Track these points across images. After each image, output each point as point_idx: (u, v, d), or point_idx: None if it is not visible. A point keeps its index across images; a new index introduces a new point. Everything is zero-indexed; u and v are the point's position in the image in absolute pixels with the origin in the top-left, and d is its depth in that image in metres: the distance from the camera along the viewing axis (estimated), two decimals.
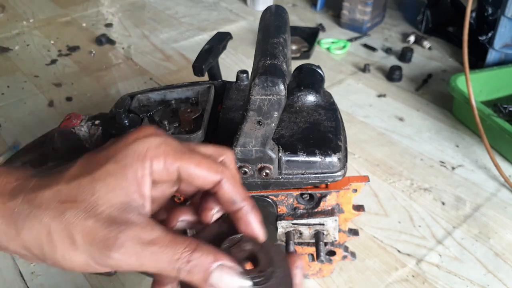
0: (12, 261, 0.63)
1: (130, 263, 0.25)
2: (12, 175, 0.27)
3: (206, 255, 0.25)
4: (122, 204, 0.25)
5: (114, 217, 0.25)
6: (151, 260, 0.25)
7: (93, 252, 0.24)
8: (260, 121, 0.38)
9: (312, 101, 0.48)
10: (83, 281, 0.60)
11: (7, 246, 0.26)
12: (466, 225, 0.67)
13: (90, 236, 0.24)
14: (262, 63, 0.36)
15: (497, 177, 0.74)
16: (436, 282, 0.59)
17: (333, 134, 0.45)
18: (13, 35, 1.25)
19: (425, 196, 0.72)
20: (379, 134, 0.85)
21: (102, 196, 0.25)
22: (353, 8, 1.20)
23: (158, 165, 0.27)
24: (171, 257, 0.25)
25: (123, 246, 0.24)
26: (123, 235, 0.24)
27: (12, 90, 1.01)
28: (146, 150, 0.27)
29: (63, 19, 1.34)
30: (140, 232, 0.25)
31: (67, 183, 0.25)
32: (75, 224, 0.24)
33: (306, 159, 0.43)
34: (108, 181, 0.26)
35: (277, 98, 0.36)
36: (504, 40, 0.96)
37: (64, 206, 0.25)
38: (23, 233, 0.25)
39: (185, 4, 1.44)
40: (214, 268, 0.25)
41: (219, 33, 0.57)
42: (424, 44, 1.14)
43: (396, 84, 1.00)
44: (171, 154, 0.27)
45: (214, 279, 0.25)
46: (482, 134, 0.76)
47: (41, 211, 0.25)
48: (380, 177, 0.75)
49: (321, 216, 0.48)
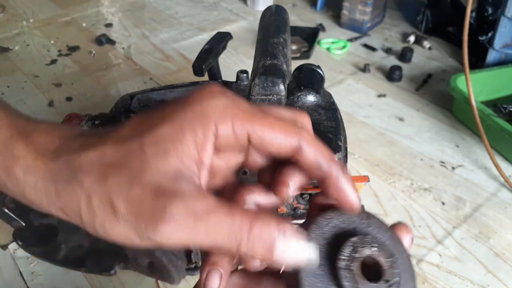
0: (12, 261, 0.63)
1: (180, 238, 0.21)
2: (57, 133, 0.25)
3: (269, 224, 0.22)
4: (176, 172, 0.22)
5: (164, 186, 0.22)
6: (206, 232, 0.21)
7: (137, 225, 0.21)
8: None
9: (312, 101, 0.48)
10: (83, 281, 0.60)
11: (45, 207, 0.24)
12: (466, 225, 0.67)
13: (135, 207, 0.21)
14: (262, 63, 0.36)
15: (497, 177, 0.74)
16: (436, 282, 0.59)
17: (333, 134, 0.45)
18: (13, 35, 1.25)
19: (425, 196, 0.72)
20: (379, 134, 0.85)
21: (152, 162, 0.22)
22: (353, 8, 1.20)
23: (224, 129, 0.23)
24: (229, 229, 0.21)
25: (172, 218, 0.21)
26: (173, 206, 0.21)
27: (12, 90, 1.00)
28: (211, 110, 0.23)
29: (63, 19, 1.34)
30: (193, 202, 0.21)
31: (114, 145, 0.23)
32: (119, 192, 0.22)
33: None
34: (161, 144, 0.22)
35: (277, 98, 0.36)
36: (504, 40, 0.96)
37: (108, 170, 0.22)
38: (62, 196, 0.23)
39: (185, 4, 1.44)
40: (279, 235, 0.22)
41: (219, 33, 0.57)
42: (424, 44, 1.14)
43: (396, 84, 1.00)
44: (240, 116, 0.23)
45: (280, 251, 0.22)
46: (482, 134, 0.76)
47: (83, 174, 0.22)
48: (380, 177, 0.75)
49: None
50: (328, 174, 0.25)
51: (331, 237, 0.24)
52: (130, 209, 0.21)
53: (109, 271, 0.59)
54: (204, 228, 0.21)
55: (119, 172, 0.22)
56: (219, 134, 0.23)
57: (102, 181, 0.22)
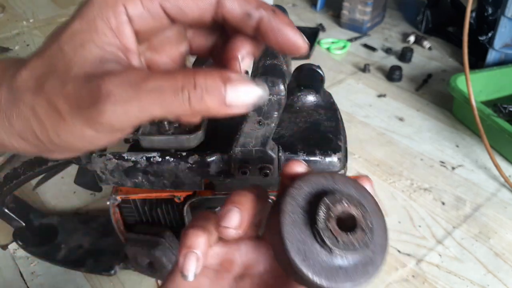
0: (12, 261, 0.63)
1: (128, 112, 0.21)
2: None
3: (211, 74, 0.21)
4: (100, 59, 0.22)
5: (93, 72, 0.21)
6: (152, 98, 0.21)
7: (82, 114, 0.21)
8: (260, 121, 0.38)
9: (312, 101, 0.48)
10: (83, 281, 0.60)
11: (7, 143, 0.24)
12: (466, 225, 0.67)
13: (74, 100, 0.21)
14: (262, 63, 0.36)
15: (497, 177, 0.74)
16: (436, 282, 0.59)
17: (333, 134, 0.45)
18: (13, 35, 1.25)
19: (425, 196, 0.72)
20: (379, 134, 0.85)
21: (72, 57, 0.22)
22: (353, 8, 1.20)
23: (135, 9, 0.23)
24: (173, 85, 0.21)
25: (110, 93, 0.20)
26: (107, 82, 0.21)
27: None
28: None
29: (63, 19, 1.33)
30: (126, 74, 0.21)
31: (40, 57, 0.23)
32: (56, 94, 0.22)
33: (306, 158, 0.43)
34: (77, 39, 0.22)
35: (277, 98, 0.36)
36: (504, 40, 0.96)
37: (41, 80, 0.22)
38: (14, 121, 0.23)
39: None
40: (226, 81, 0.21)
41: None
42: (424, 44, 1.14)
43: (396, 84, 1.00)
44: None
45: (231, 95, 0.21)
46: (482, 134, 0.76)
47: (22, 93, 0.22)
48: (380, 177, 0.75)
49: None
50: (260, 19, 0.23)
51: (305, 204, 0.26)
52: (71, 104, 0.21)
53: (109, 271, 0.59)
54: (146, 93, 0.20)
55: (51, 76, 0.22)
56: (131, 15, 0.23)
57: (39, 91, 0.22)
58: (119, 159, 0.43)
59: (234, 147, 0.41)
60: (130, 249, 0.51)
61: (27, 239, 0.64)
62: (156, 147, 0.42)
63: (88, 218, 0.69)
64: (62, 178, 0.76)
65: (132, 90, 0.20)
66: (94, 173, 0.45)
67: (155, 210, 0.51)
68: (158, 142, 0.41)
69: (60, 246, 0.64)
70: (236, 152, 0.41)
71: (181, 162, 0.43)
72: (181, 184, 0.44)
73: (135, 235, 0.50)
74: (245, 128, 0.39)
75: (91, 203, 0.72)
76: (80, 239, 0.65)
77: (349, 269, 0.25)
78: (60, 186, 0.75)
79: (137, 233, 0.51)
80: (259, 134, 0.39)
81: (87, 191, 0.74)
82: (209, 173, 0.43)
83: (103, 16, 0.22)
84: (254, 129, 0.39)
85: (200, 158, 0.43)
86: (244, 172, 0.42)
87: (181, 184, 0.44)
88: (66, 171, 0.55)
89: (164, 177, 0.44)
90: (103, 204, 0.71)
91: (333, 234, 0.25)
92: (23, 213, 0.64)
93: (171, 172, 0.43)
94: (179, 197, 0.48)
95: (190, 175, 0.43)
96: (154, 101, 0.21)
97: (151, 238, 0.50)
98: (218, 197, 0.47)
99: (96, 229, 0.66)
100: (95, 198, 0.73)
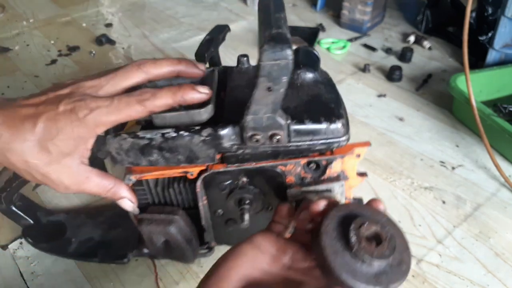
0: (12, 261, 0.63)
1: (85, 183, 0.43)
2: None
3: (119, 186, 0.46)
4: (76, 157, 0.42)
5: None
6: (94, 182, 0.43)
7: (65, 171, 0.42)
8: (270, 87, 0.40)
9: (311, 77, 0.51)
10: (84, 281, 0.60)
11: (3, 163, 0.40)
12: (467, 224, 0.67)
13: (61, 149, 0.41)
14: (268, 33, 0.38)
15: (497, 177, 0.74)
16: (436, 282, 0.59)
17: (334, 104, 0.48)
18: (13, 35, 1.25)
19: (426, 194, 0.72)
20: (379, 134, 0.85)
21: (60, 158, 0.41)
22: (353, 8, 1.20)
23: (101, 130, 0.42)
24: (99, 183, 0.44)
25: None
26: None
27: (12, 90, 1.01)
28: (92, 127, 0.41)
29: (63, 19, 1.34)
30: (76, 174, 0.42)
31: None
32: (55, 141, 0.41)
33: (313, 126, 0.45)
34: (66, 143, 0.41)
35: (285, 62, 0.37)
36: (504, 40, 0.96)
37: (41, 143, 0.40)
38: (8, 153, 0.39)
39: (185, 4, 1.44)
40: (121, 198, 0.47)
41: (218, 26, 0.60)
42: (424, 44, 1.14)
43: (396, 84, 1.00)
44: (108, 119, 0.41)
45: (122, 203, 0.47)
46: (482, 134, 0.76)
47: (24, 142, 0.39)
48: (380, 176, 0.75)
49: (328, 182, 0.50)
50: (178, 100, 0.43)
51: (338, 229, 0.35)
52: (58, 153, 0.40)
53: (122, 259, 0.60)
54: (90, 181, 0.43)
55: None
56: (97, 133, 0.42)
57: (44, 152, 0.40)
58: (134, 138, 0.45)
59: (245, 116, 0.42)
60: (145, 229, 0.51)
61: (36, 236, 0.64)
62: (169, 124, 0.44)
63: (95, 213, 0.69)
64: None
65: (84, 171, 0.44)
66: (109, 155, 0.46)
67: (167, 190, 0.52)
68: (170, 118, 0.44)
69: (71, 240, 0.64)
70: (248, 121, 0.43)
71: (195, 135, 0.44)
72: (195, 158, 0.46)
73: (148, 215, 0.52)
74: (256, 95, 0.41)
75: (92, 202, 0.72)
76: (90, 232, 0.65)
77: (389, 271, 0.33)
78: None
79: (151, 213, 0.52)
80: (269, 101, 0.41)
81: None
82: (222, 145, 0.45)
83: (85, 144, 0.42)
84: (265, 95, 0.40)
85: (213, 130, 0.44)
86: (256, 140, 0.44)
87: (195, 158, 0.46)
88: None
89: (179, 152, 0.45)
90: (104, 202, 0.72)
91: (364, 246, 0.33)
92: (31, 211, 0.64)
93: (186, 146, 0.45)
94: (192, 173, 0.49)
95: (204, 148, 0.45)
96: (93, 184, 0.45)
97: (166, 217, 0.51)
98: (230, 170, 0.49)
99: (104, 222, 0.67)
100: (95, 197, 0.73)
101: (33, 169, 0.39)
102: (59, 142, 0.39)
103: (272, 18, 0.40)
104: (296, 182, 0.51)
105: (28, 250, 0.64)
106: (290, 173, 0.50)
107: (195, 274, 0.60)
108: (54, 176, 0.40)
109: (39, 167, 0.40)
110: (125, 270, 0.61)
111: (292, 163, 0.49)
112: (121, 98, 0.41)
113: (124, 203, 0.47)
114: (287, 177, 0.50)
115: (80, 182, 0.42)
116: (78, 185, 0.42)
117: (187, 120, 0.44)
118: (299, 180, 0.51)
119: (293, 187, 0.51)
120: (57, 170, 0.40)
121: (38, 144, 0.39)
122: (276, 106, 0.42)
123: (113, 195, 0.46)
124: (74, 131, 0.39)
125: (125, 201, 0.47)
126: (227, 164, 0.48)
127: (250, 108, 0.42)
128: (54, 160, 0.40)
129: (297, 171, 0.50)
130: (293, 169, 0.49)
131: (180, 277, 0.60)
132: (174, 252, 0.55)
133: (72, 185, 0.42)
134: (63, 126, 0.39)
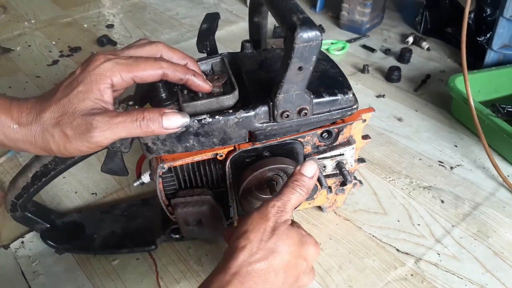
0: (14, 260, 0.63)
1: (108, 136, 0.40)
2: (24, 106, 0.41)
3: (153, 111, 0.41)
4: (92, 107, 0.40)
5: (87, 114, 0.40)
6: (120, 127, 0.40)
7: (81, 138, 0.40)
8: (301, 67, 0.43)
9: None
10: (85, 281, 0.60)
11: (33, 151, 0.42)
12: (465, 223, 0.67)
13: (77, 130, 0.39)
14: (296, 17, 0.41)
15: (495, 177, 0.75)
16: (434, 281, 0.59)
17: (341, 77, 0.53)
18: (15, 36, 1.26)
19: (425, 194, 0.72)
20: (378, 134, 0.86)
21: (77, 106, 0.40)
22: (352, 9, 1.20)
23: (116, 80, 0.41)
24: (131, 119, 0.40)
25: (97, 126, 0.39)
26: (94, 120, 0.39)
27: (14, 91, 1.01)
28: (105, 71, 0.41)
29: (65, 20, 1.35)
30: (105, 115, 0.40)
31: (56, 105, 0.40)
32: (66, 126, 0.40)
33: (330, 98, 0.50)
34: (79, 96, 0.40)
35: (316, 43, 0.41)
36: (503, 41, 0.96)
37: (57, 119, 0.40)
38: (40, 141, 0.41)
39: (186, 5, 1.45)
40: (162, 115, 0.42)
41: (209, 14, 0.62)
42: (422, 45, 1.14)
43: (395, 84, 1.01)
44: (124, 70, 0.41)
45: (166, 122, 0.42)
46: (480, 134, 0.76)
47: (46, 126, 0.40)
48: (379, 175, 0.76)
49: (340, 147, 0.57)
50: (186, 79, 0.45)
51: None
52: (74, 132, 0.40)
53: (150, 246, 0.62)
54: (117, 125, 0.40)
55: (64, 116, 0.40)
56: (114, 83, 0.42)
57: (56, 125, 0.40)
58: None
59: (277, 95, 0.46)
60: (181, 212, 0.54)
61: (57, 238, 0.64)
62: (199, 111, 0.47)
63: (108, 208, 0.70)
64: (64, 178, 0.77)
65: (108, 123, 0.40)
66: (143, 146, 0.49)
67: (194, 173, 0.55)
68: (201, 105, 0.47)
69: (93, 237, 0.64)
70: (280, 99, 0.46)
71: (230, 118, 0.48)
72: (228, 139, 0.50)
73: (182, 199, 0.54)
74: (288, 75, 0.44)
75: (92, 202, 0.73)
76: (110, 226, 0.66)
77: None
78: (61, 186, 0.76)
79: (183, 197, 0.55)
80: (299, 79, 0.45)
81: (88, 190, 0.75)
82: (253, 124, 0.49)
83: (97, 84, 0.41)
84: (296, 75, 0.44)
85: (246, 112, 0.48)
86: (287, 115, 0.48)
87: (228, 139, 0.50)
88: (67, 172, 0.56)
89: (214, 135, 0.49)
90: (105, 201, 0.72)
91: None
92: (45, 215, 0.64)
93: (220, 129, 0.48)
94: (222, 154, 0.52)
95: (236, 129, 0.49)
96: (121, 129, 0.40)
97: (199, 198, 0.54)
98: (256, 147, 0.52)
99: (121, 215, 0.68)
100: (96, 197, 0.73)
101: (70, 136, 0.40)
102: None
103: (290, 4, 0.43)
104: (312, 151, 0.56)
105: (29, 249, 0.64)
106: (308, 143, 0.55)
107: (196, 273, 0.61)
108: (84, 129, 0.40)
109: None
110: (126, 269, 0.61)
111: (310, 135, 0.54)
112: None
113: (170, 119, 0.42)
114: (305, 147, 0.56)
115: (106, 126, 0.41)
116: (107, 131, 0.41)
117: (216, 106, 0.47)
118: (315, 149, 0.56)
119: (310, 156, 0.56)
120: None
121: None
122: (304, 83, 0.45)
123: (151, 120, 0.42)
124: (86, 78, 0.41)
125: (170, 117, 0.42)
126: (253, 143, 0.52)
127: (282, 87, 0.45)
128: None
129: (314, 141, 0.55)
130: (310, 139, 0.55)
131: (180, 276, 0.61)
132: (205, 230, 0.58)
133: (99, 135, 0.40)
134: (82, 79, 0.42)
